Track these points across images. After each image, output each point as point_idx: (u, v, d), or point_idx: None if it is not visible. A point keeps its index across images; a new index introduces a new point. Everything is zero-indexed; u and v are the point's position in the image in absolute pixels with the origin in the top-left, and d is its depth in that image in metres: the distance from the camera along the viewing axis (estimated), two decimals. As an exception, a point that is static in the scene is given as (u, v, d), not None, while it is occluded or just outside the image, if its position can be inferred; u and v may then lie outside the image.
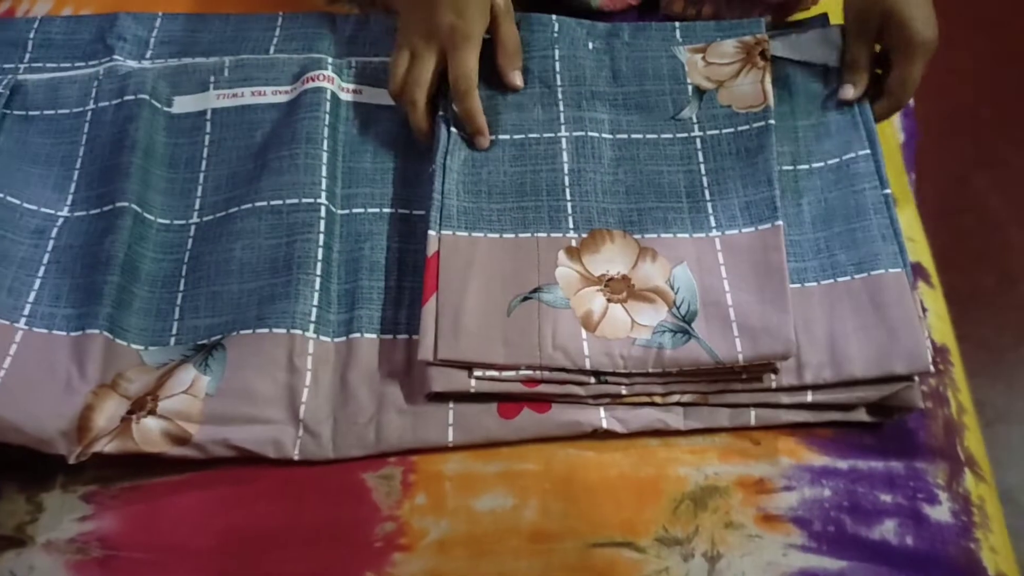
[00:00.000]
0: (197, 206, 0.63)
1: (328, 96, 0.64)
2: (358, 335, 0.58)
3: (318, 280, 0.58)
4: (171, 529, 0.53)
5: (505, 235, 0.59)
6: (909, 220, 0.69)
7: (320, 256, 0.59)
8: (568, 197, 0.61)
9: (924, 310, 0.63)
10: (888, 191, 0.61)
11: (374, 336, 0.58)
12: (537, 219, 0.60)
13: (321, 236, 0.60)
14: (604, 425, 0.56)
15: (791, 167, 0.63)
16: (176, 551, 0.52)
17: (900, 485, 0.56)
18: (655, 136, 0.64)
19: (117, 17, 0.71)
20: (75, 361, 0.55)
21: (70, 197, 0.62)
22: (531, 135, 0.63)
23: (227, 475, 0.55)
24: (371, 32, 0.70)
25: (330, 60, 0.67)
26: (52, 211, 0.62)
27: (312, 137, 0.63)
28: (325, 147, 0.63)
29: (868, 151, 0.63)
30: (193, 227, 0.62)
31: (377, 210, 0.62)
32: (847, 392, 0.57)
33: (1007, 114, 1.43)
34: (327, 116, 0.64)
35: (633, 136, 0.63)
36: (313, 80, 0.65)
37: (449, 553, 0.52)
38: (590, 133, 0.63)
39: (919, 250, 0.68)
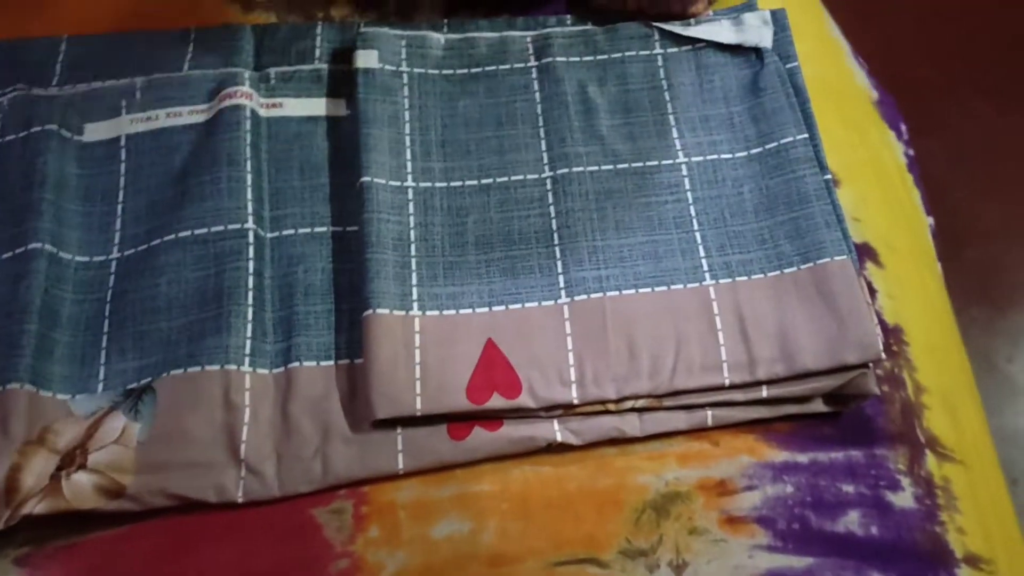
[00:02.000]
0: (117, 240, 0.59)
1: (247, 114, 0.61)
2: (297, 364, 0.55)
3: (250, 310, 0.56)
4: (112, 586, 0.50)
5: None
6: (862, 194, 0.68)
7: (251, 284, 0.56)
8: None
9: (873, 291, 0.63)
10: (828, 176, 0.61)
11: (314, 363, 0.55)
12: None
13: (251, 263, 0.57)
14: (559, 438, 0.54)
15: (729, 155, 0.62)
16: (119, 610, 0.50)
17: (861, 474, 0.56)
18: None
19: (18, 44, 0.67)
20: None
21: None
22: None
23: (168, 524, 0.52)
24: (289, 39, 0.67)
25: (247, 74, 0.63)
26: None
27: (234, 159, 0.60)
28: (248, 168, 0.60)
29: (805, 135, 0.62)
30: (114, 263, 0.59)
31: (308, 230, 0.60)
32: (801, 384, 0.56)
33: (948, 77, 1.43)
34: (248, 135, 0.61)
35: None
36: (231, 97, 0.62)
37: (408, 586, 0.50)
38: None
39: (865, 229, 0.67)
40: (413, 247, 0.58)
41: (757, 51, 0.66)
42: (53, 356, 0.55)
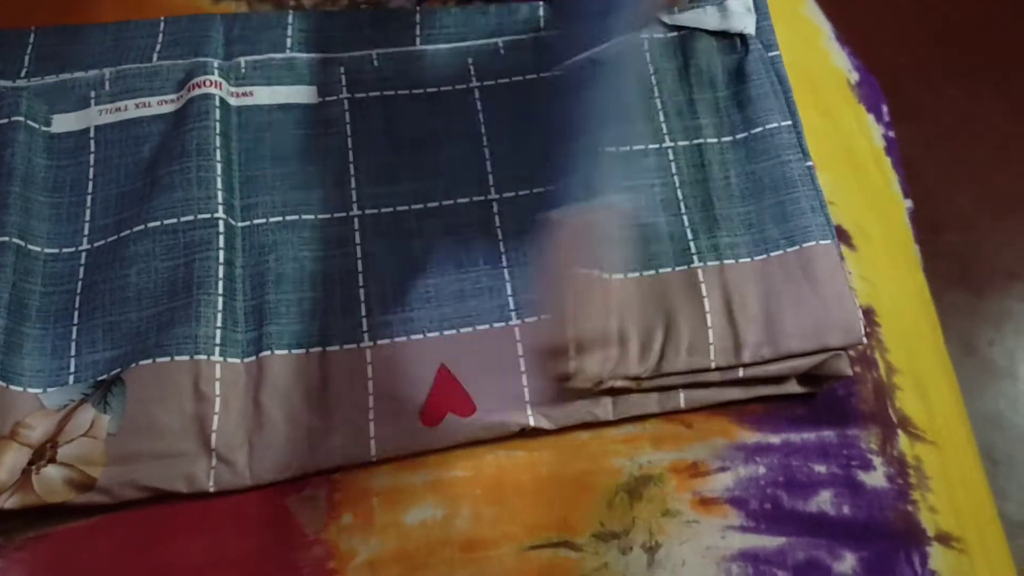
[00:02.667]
0: (86, 231, 0.59)
1: (217, 103, 0.61)
2: (268, 353, 0.55)
3: (220, 299, 0.55)
4: (84, 578, 0.50)
5: None
6: (836, 179, 0.68)
7: (221, 274, 0.56)
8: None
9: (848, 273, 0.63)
10: (811, 163, 0.61)
11: (285, 352, 0.55)
12: None
13: (221, 252, 0.57)
14: (532, 423, 0.54)
15: (715, 140, 0.62)
16: (91, 602, 0.50)
17: (834, 454, 0.56)
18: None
19: (-18, 35, 0.66)
20: None
21: None
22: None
23: (139, 515, 0.52)
24: (260, 28, 0.66)
25: (216, 63, 0.63)
26: None
27: (203, 148, 0.59)
28: (218, 157, 0.59)
29: (789, 122, 0.62)
30: (83, 254, 0.58)
31: (280, 218, 0.59)
32: (778, 364, 0.56)
33: (922, 62, 1.44)
34: (217, 124, 0.60)
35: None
36: (199, 87, 0.62)
37: (381, 572, 0.50)
38: None
39: (840, 212, 0.67)
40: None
41: (741, 38, 0.66)
42: (23, 350, 0.55)
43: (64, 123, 0.62)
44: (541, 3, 0.69)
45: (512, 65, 0.66)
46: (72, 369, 0.55)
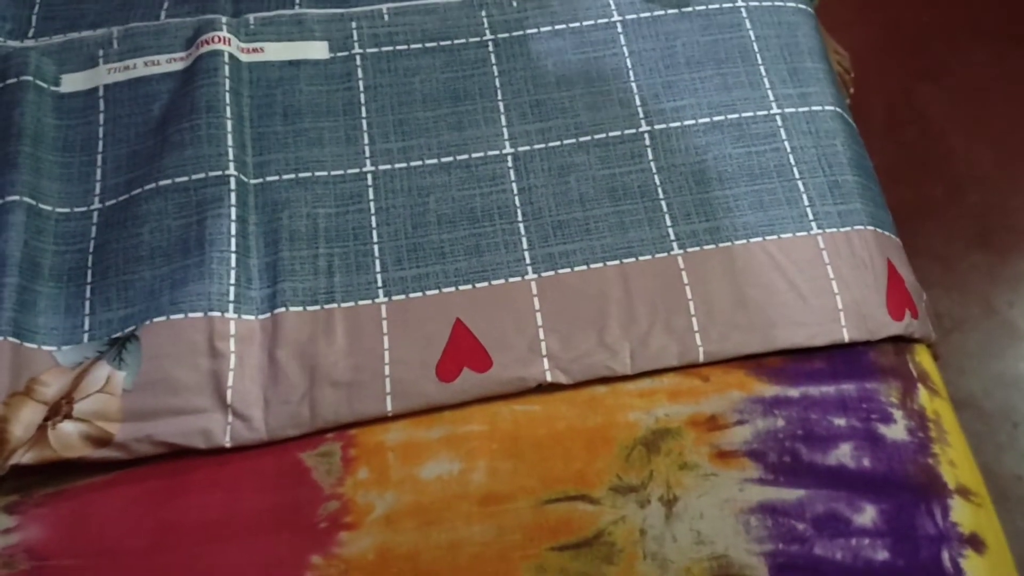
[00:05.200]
0: (98, 191, 0.59)
1: (226, 59, 0.61)
2: (283, 309, 0.55)
3: (234, 256, 0.55)
4: (101, 532, 0.50)
5: None
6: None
7: (234, 231, 0.56)
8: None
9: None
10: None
11: (300, 308, 0.55)
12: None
13: (233, 209, 0.56)
14: (549, 378, 0.53)
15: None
16: (108, 554, 0.50)
17: (853, 408, 0.55)
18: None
19: (-9, -4, 0.66)
20: None
21: None
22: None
23: (156, 470, 0.52)
24: (268, -15, 0.66)
25: (224, 20, 0.62)
26: None
27: (213, 105, 0.59)
28: (229, 114, 0.59)
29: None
30: (96, 213, 0.58)
31: (293, 176, 0.59)
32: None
33: (948, 19, 1.41)
34: (227, 81, 0.60)
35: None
36: (208, 43, 0.61)
37: (397, 526, 0.50)
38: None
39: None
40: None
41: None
42: (36, 308, 0.55)
43: (73, 82, 0.62)
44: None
45: (526, 18, 0.65)
46: (86, 327, 0.55)
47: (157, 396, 0.52)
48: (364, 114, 0.61)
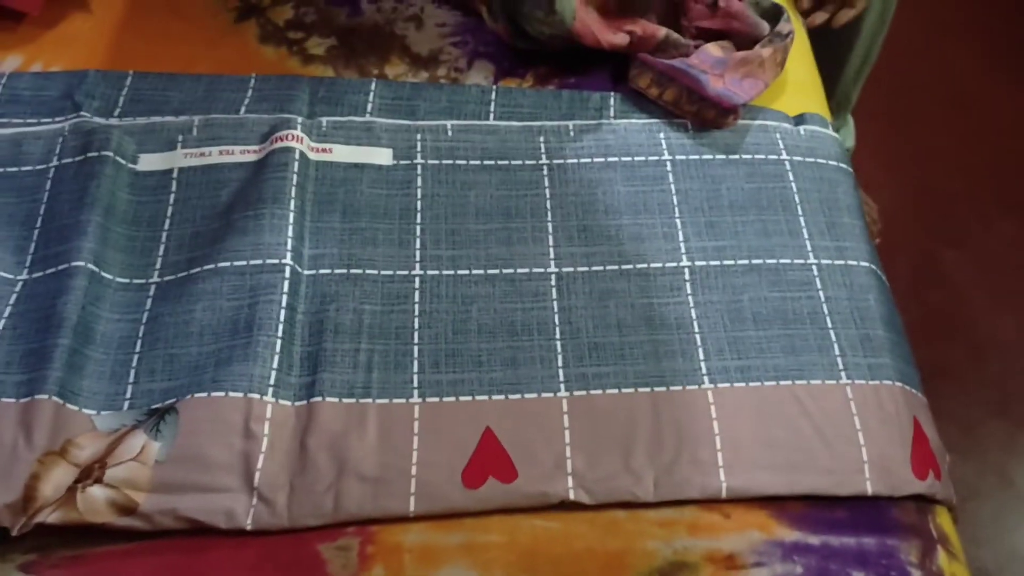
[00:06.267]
0: (158, 265, 0.61)
1: (296, 156, 0.64)
2: (319, 399, 0.56)
3: (279, 342, 0.57)
4: (113, 603, 0.50)
5: None
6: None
7: (283, 317, 0.58)
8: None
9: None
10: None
11: (336, 400, 0.56)
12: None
13: (284, 297, 0.58)
14: (572, 496, 0.54)
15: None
16: (118, 626, 0.50)
17: (872, 563, 0.55)
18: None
19: (87, 74, 0.70)
20: (22, 428, 0.53)
21: (29, 258, 0.61)
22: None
23: (175, 544, 0.52)
24: (343, 92, 0.70)
25: (300, 120, 0.66)
26: (11, 275, 0.60)
27: (279, 197, 0.62)
28: (292, 207, 0.62)
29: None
30: (153, 287, 0.60)
31: (344, 270, 0.61)
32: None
33: (975, 189, 1.45)
34: (295, 176, 0.63)
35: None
36: (282, 140, 0.65)
37: (407, 631, 0.50)
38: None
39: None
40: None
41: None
42: (84, 371, 0.56)
43: (150, 162, 0.65)
44: (612, 93, 0.72)
45: (581, 147, 0.68)
46: (128, 395, 0.56)
47: (188, 471, 0.52)
48: (419, 220, 0.64)
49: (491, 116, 0.70)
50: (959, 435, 1.20)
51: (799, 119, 0.73)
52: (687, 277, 0.63)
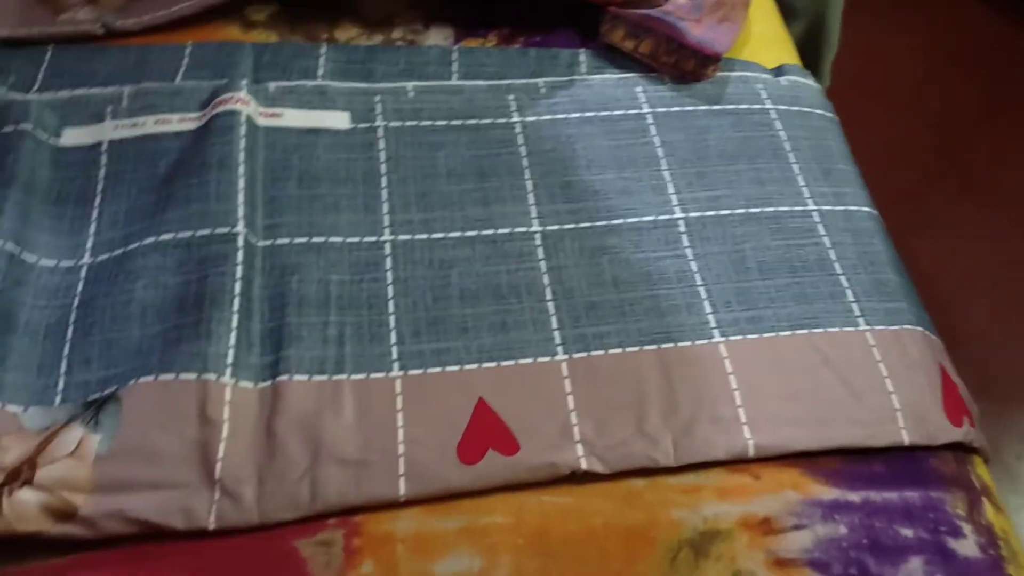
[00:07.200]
0: (89, 245, 0.54)
1: (243, 119, 0.57)
2: (286, 378, 0.49)
3: (235, 318, 0.50)
4: (50, 627, 0.42)
5: None
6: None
7: (238, 291, 0.51)
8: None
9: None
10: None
11: (305, 378, 0.49)
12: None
13: (239, 268, 0.51)
14: (583, 465, 0.47)
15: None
16: (56, 654, 0.41)
17: (919, 517, 0.49)
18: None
19: (-2, 53, 0.63)
20: None
21: None
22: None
23: (124, 554, 0.44)
24: (291, 56, 0.64)
25: (244, 82, 0.60)
26: None
27: (226, 163, 0.55)
28: (242, 172, 0.55)
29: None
30: (84, 268, 0.53)
31: (305, 240, 0.54)
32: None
33: (932, 177, 1.45)
34: (242, 140, 0.56)
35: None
36: (225, 104, 0.58)
37: (406, 632, 0.43)
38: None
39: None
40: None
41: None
42: (6, 364, 0.48)
43: (74, 136, 0.58)
44: (581, 50, 0.67)
45: (555, 103, 0.63)
46: (60, 388, 0.48)
47: (134, 466, 0.45)
48: (385, 184, 0.57)
49: (454, 77, 0.64)
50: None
51: (778, 71, 0.69)
52: (683, 229, 0.57)
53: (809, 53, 1.08)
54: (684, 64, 0.65)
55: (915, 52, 1.61)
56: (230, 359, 0.48)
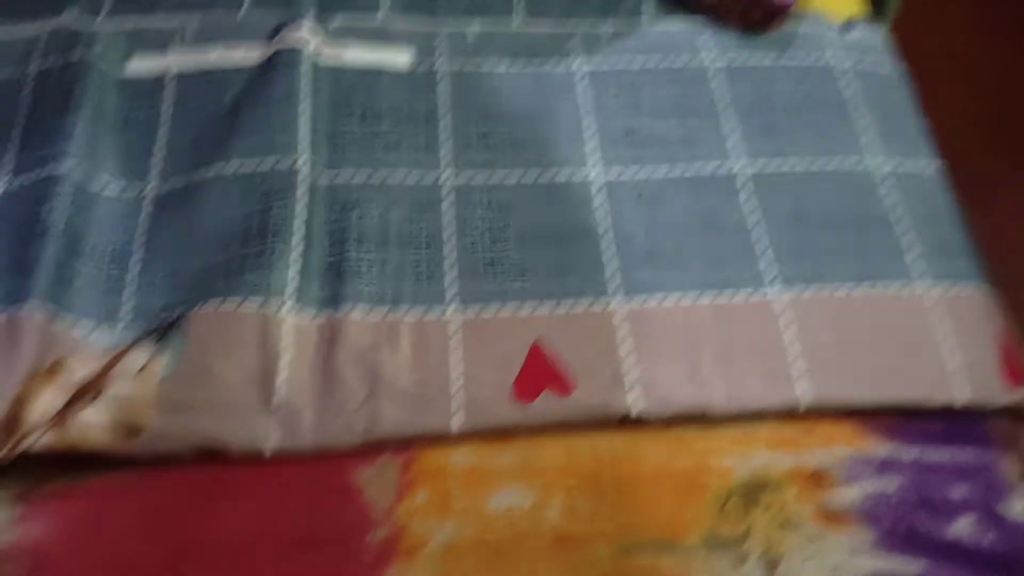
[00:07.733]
0: (155, 173, 0.54)
1: (306, 55, 0.57)
2: (346, 311, 0.49)
3: (298, 250, 0.50)
4: (114, 541, 0.43)
5: None
6: None
7: (300, 223, 0.51)
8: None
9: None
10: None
11: (365, 313, 0.49)
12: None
13: (301, 201, 0.52)
14: (636, 410, 0.48)
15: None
16: (120, 567, 0.42)
17: (971, 478, 0.49)
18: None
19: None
20: (4, 345, 0.46)
21: (6, 166, 0.54)
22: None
23: (184, 474, 0.45)
24: (354, -7, 0.63)
25: (309, 16, 0.59)
26: None
27: (290, 95, 0.55)
28: (306, 107, 0.55)
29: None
30: (150, 196, 0.53)
31: (367, 177, 0.54)
32: None
33: (997, 145, 1.41)
34: (306, 77, 0.57)
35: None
36: (289, 39, 0.58)
37: (457, 562, 0.43)
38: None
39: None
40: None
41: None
42: (72, 286, 0.49)
43: (140, 67, 0.58)
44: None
45: (618, 53, 0.62)
46: (125, 311, 0.49)
47: (197, 387, 0.46)
48: (446, 125, 0.57)
49: (518, 15, 0.64)
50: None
51: (846, 26, 0.67)
52: (743, 181, 0.57)
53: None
54: (752, 14, 0.64)
55: (972, 18, 1.56)
56: (291, 290, 0.49)
